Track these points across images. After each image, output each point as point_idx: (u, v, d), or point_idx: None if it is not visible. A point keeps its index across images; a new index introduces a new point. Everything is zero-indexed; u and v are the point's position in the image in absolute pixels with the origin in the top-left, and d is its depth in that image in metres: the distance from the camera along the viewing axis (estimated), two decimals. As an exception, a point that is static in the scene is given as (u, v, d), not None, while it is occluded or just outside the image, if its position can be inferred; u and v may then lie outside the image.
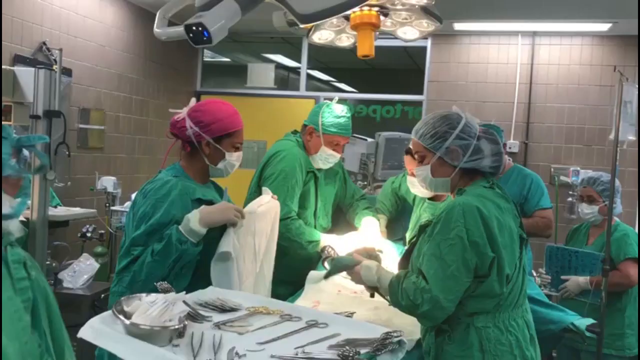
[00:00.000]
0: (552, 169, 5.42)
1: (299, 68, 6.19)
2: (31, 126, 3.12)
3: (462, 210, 1.67)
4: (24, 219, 2.99)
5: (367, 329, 1.51)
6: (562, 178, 5.32)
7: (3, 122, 3.03)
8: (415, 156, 1.91)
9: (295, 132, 2.85)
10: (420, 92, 5.85)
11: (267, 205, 2.20)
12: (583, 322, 2.64)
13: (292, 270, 2.58)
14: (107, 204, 4.39)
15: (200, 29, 1.72)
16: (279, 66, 6.58)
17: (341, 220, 3.01)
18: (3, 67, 3.07)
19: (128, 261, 1.85)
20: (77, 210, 3.77)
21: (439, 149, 1.81)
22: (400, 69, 7.03)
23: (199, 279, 1.91)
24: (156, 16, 2.02)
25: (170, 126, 2.04)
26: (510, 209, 1.79)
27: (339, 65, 7.23)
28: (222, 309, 1.66)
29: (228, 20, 1.77)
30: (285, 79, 6.80)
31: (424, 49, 5.81)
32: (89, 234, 4.03)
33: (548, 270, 3.20)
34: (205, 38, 1.73)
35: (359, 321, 1.67)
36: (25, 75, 3.04)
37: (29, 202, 3.08)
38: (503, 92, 5.59)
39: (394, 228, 2.91)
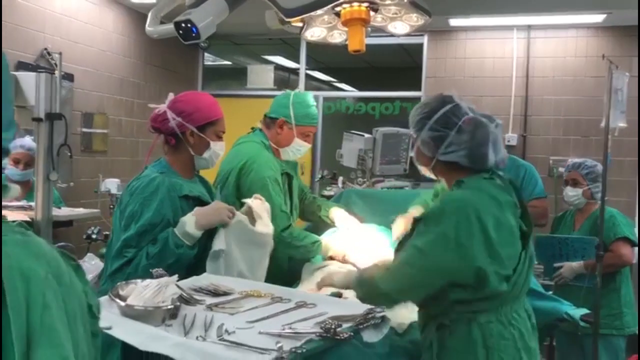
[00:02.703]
0: (550, 161, 5.46)
1: (299, 69, 6.27)
2: (35, 129, 3.20)
3: (457, 208, 1.60)
4: (28, 219, 3.07)
5: (354, 307, 1.57)
6: (561, 169, 5.34)
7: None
8: None
9: (253, 129, 2.71)
10: (418, 89, 5.90)
11: (264, 215, 2.12)
12: (577, 312, 2.67)
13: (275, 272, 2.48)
14: (111, 206, 4.46)
15: (189, 25, 1.79)
16: (278, 67, 6.66)
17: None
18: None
19: (121, 263, 1.84)
20: (80, 210, 3.85)
21: (417, 138, 1.76)
22: (399, 66, 7.09)
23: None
24: (148, 16, 2.10)
25: (151, 121, 2.03)
26: (510, 201, 1.69)
27: (338, 64, 7.30)
28: (216, 293, 1.72)
29: (216, 16, 1.84)
30: (286, 80, 6.88)
31: (421, 45, 5.87)
32: (94, 236, 4.10)
33: (539, 259, 3.25)
34: (194, 34, 1.80)
35: (346, 300, 1.72)
36: (27, 79, 3.11)
37: (33, 203, 3.15)
38: (500, 86, 5.63)
39: None
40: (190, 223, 1.86)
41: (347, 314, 1.49)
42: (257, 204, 2.12)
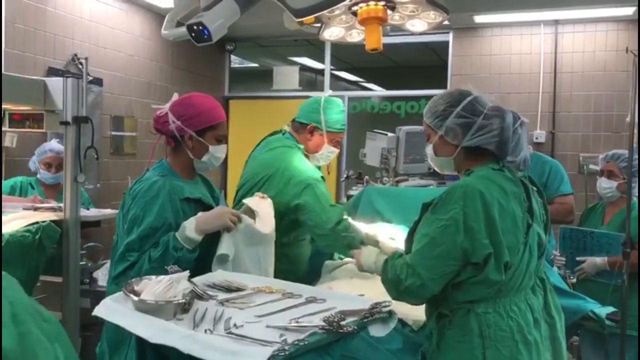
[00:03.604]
0: (580, 158, 5.36)
1: (324, 69, 6.29)
2: (64, 133, 3.30)
3: (464, 193, 1.64)
4: (57, 219, 3.17)
5: (363, 302, 1.58)
6: (592, 166, 5.24)
7: (36, 130, 3.23)
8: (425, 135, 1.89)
9: (281, 132, 2.67)
10: (444, 87, 5.86)
11: (264, 214, 2.12)
12: (603, 311, 2.61)
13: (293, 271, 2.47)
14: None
15: (200, 28, 1.83)
16: (304, 68, 6.71)
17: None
18: (35, 77, 3.26)
19: (125, 267, 1.87)
20: (107, 211, 3.94)
21: (440, 128, 1.79)
22: (425, 65, 7.05)
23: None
24: (165, 19, 2.15)
25: (154, 122, 2.04)
26: (517, 193, 1.72)
27: (364, 64, 7.30)
28: (229, 289, 1.75)
29: (227, 19, 1.87)
30: (312, 80, 6.92)
31: (446, 43, 5.83)
32: (123, 236, 4.20)
33: (562, 251, 3.19)
34: (205, 36, 1.84)
35: (356, 295, 1.73)
36: (55, 84, 3.22)
37: (61, 204, 3.26)
38: (527, 82, 5.55)
39: None
40: (190, 227, 1.88)
41: (355, 309, 1.51)
42: (255, 201, 2.14)
